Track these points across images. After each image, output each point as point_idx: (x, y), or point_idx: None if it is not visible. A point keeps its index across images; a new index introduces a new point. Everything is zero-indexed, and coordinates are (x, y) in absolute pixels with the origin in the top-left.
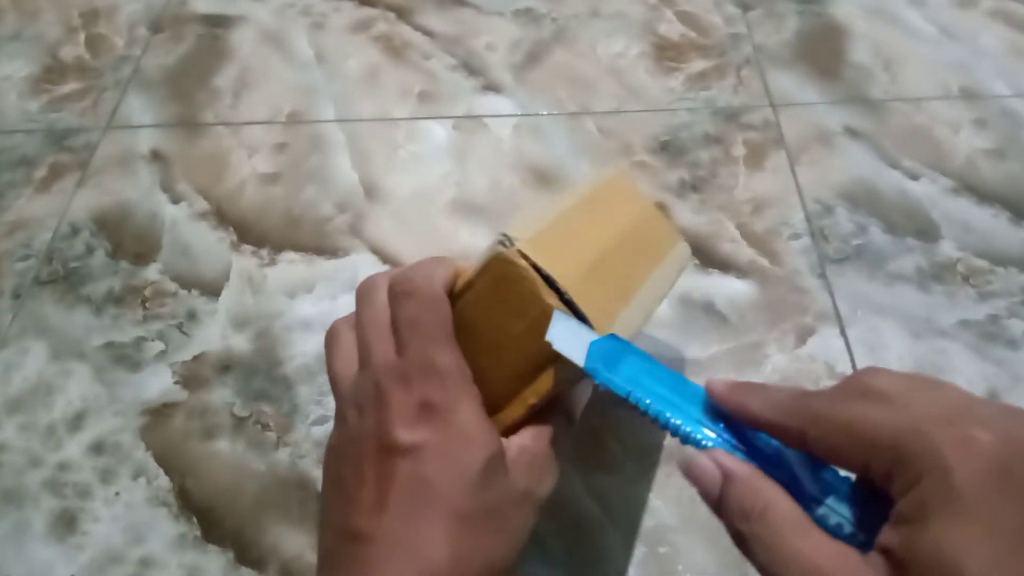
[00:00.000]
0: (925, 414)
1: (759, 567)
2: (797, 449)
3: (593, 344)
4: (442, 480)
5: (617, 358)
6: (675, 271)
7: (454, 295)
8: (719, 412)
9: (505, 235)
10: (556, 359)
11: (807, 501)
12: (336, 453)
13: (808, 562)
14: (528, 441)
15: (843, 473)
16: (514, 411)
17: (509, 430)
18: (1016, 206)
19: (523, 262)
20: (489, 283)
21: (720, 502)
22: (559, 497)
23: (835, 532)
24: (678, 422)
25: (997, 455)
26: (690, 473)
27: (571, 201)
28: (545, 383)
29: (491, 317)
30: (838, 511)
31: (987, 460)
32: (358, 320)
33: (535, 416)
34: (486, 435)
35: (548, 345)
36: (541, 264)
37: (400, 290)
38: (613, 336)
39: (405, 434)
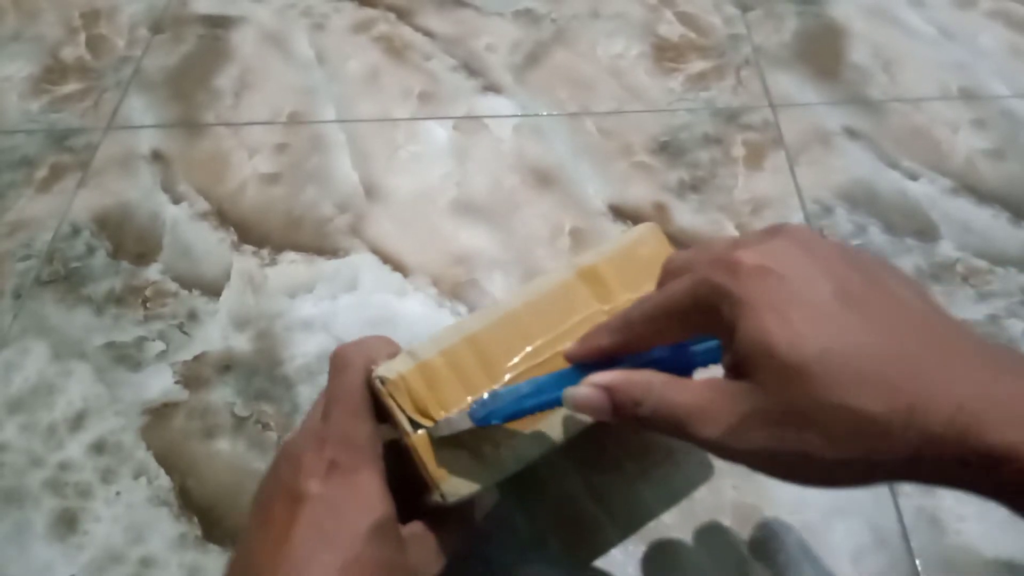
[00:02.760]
0: (702, 266)
1: (665, 432)
2: (655, 348)
3: (473, 407)
4: (335, 528)
5: (495, 401)
6: None
7: None
8: (589, 367)
9: (379, 377)
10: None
11: (687, 372)
12: (256, 496)
13: (692, 403)
14: (420, 529)
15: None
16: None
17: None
18: (1015, 206)
19: (390, 401)
20: (381, 403)
21: (614, 411)
22: (559, 497)
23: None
24: (557, 394)
25: (757, 264)
26: (579, 405)
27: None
28: (434, 498)
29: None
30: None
31: (751, 270)
32: None
33: (436, 509)
34: (380, 500)
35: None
36: (403, 403)
37: (338, 363)
38: (486, 393)
39: (311, 485)
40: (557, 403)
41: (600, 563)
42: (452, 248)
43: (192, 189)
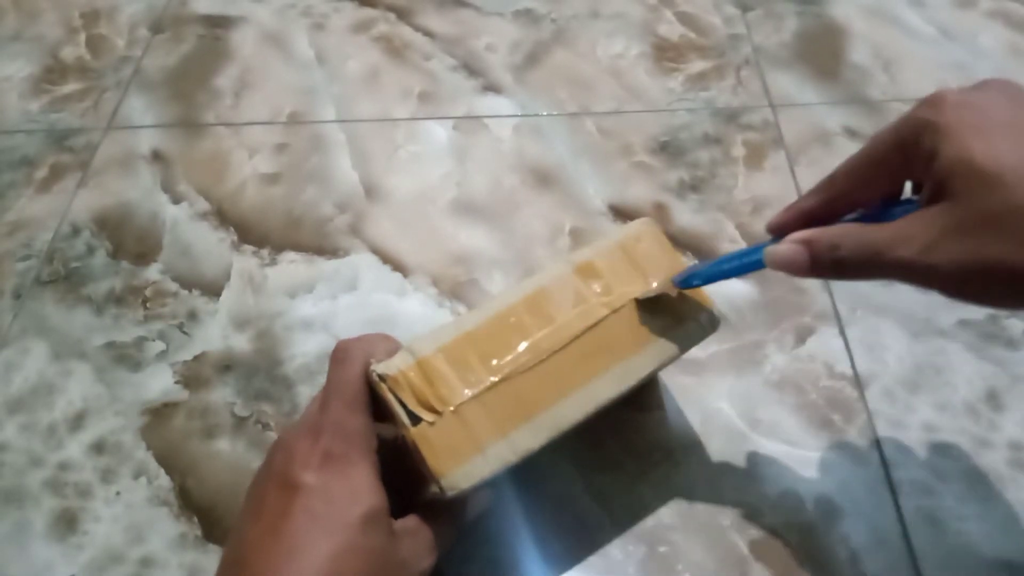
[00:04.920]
0: (909, 111)
1: (862, 272)
2: (864, 206)
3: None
4: (328, 518)
5: (697, 266)
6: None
7: None
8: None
9: (378, 372)
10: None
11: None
12: (251, 485)
13: (888, 233)
14: (413, 523)
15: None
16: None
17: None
18: None
19: (389, 396)
20: (380, 399)
21: (811, 261)
22: (559, 497)
23: None
24: (757, 256)
25: (958, 99)
26: (779, 261)
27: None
28: (433, 491)
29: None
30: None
31: (953, 103)
32: None
33: (431, 503)
34: (373, 491)
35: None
36: (403, 397)
37: (338, 356)
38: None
39: (305, 474)
40: (758, 265)
41: (600, 563)
42: (452, 248)
43: (192, 189)
